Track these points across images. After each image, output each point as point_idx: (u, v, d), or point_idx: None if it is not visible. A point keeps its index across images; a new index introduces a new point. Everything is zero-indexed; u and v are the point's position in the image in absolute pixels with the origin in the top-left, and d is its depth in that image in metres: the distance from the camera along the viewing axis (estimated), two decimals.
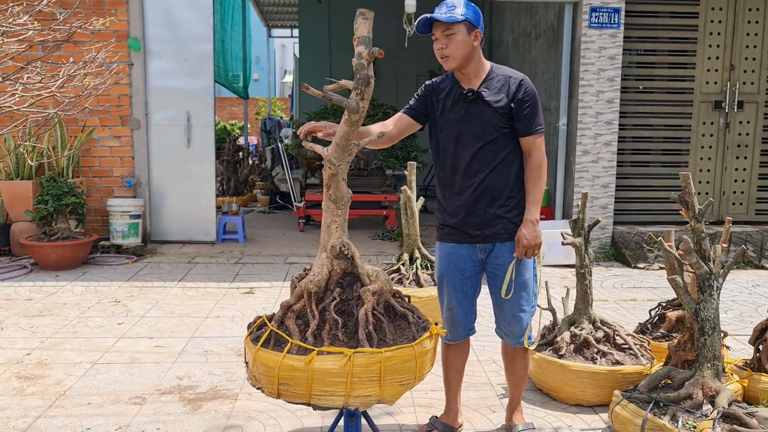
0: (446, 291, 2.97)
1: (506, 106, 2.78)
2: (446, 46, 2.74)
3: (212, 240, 7.44)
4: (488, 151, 2.81)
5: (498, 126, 2.80)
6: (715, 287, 2.96)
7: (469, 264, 2.92)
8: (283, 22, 16.80)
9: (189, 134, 7.28)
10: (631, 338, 3.55)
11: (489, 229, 2.85)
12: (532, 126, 2.81)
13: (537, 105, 2.82)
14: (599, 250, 7.07)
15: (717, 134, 7.37)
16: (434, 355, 2.52)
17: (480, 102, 2.80)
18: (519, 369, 3.06)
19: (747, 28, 7.21)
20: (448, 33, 2.72)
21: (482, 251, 2.90)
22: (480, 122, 2.80)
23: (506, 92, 2.79)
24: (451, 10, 2.72)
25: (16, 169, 6.65)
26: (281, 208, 10.45)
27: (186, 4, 7.12)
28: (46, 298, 5.25)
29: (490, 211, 2.84)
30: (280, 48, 25.12)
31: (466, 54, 2.76)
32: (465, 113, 2.82)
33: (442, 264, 2.97)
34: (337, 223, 2.49)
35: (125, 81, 7.00)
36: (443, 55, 2.76)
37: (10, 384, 3.60)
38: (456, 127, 2.84)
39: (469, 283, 2.94)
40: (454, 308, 2.96)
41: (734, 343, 4.28)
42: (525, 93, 2.79)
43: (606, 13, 6.85)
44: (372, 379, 2.26)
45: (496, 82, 2.81)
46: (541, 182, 2.84)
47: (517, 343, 2.99)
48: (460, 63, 2.77)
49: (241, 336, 4.44)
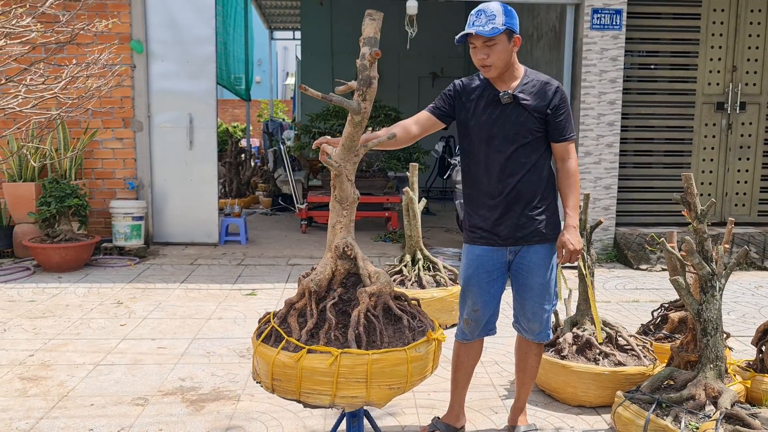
0: (473, 293, 2.95)
1: (542, 110, 2.79)
2: (488, 56, 2.72)
3: (214, 242, 7.45)
4: (521, 154, 2.81)
5: (532, 129, 2.80)
6: (717, 288, 2.96)
7: (497, 266, 2.92)
8: (285, 25, 16.83)
9: (191, 136, 7.29)
10: (634, 339, 3.55)
11: (521, 231, 2.86)
12: (566, 132, 2.83)
13: (570, 112, 2.86)
14: (602, 252, 7.07)
15: (719, 135, 7.36)
16: (435, 360, 2.50)
17: (515, 105, 2.80)
18: (530, 366, 3.06)
19: (749, 30, 7.21)
20: (490, 44, 2.70)
21: (511, 253, 2.91)
22: (515, 125, 2.80)
23: (542, 97, 2.79)
24: (491, 20, 2.67)
25: (19, 171, 6.66)
26: (283, 210, 10.46)
27: (188, 6, 7.14)
28: (48, 300, 5.26)
29: (522, 213, 2.84)
30: (282, 50, 25.15)
31: (507, 61, 2.76)
32: (499, 115, 2.81)
33: (470, 266, 2.95)
34: (342, 223, 2.50)
35: (128, 83, 7.02)
36: (485, 64, 2.75)
37: (12, 385, 3.61)
38: (489, 128, 2.83)
39: (496, 285, 2.95)
40: (479, 309, 2.96)
41: (737, 345, 4.27)
42: (561, 100, 2.81)
43: (608, 14, 6.86)
44: (359, 381, 2.26)
45: (531, 87, 2.81)
46: (578, 188, 2.87)
47: (534, 338, 3.00)
48: (500, 71, 2.77)
49: (244, 337, 4.45)
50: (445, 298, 4.62)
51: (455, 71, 13.50)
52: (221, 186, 10.70)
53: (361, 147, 2.45)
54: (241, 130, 18.56)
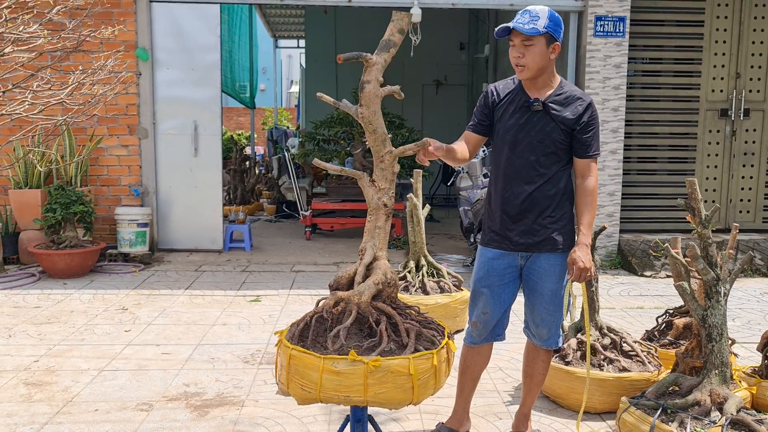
0: (483, 294, 2.96)
1: (570, 124, 2.79)
2: (523, 55, 2.74)
3: (219, 248, 7.47)
4: (542, 164, 2.82)
5: (557, 140, 2.80)
6: (722, 293, 2.96)
7: (509, 270, 2.93)
8: (290, 33, 16.91)
9: (196, 143, 7.32)
10: (638, 345, 3.54)
11: (532, 238, 2.86)
12: (591, 150, 2.82)
13: (598, 130, 2.85)
14: (606, 258, 7.06)
15: (723, 142, 7.36)
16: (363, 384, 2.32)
17: (544, 114, 2.80)
18: (538, 373, 3.05)
19: (752, 37, 7.22)
20: (528, 44, 2.72)
21: (523, 258, 2.91)
22: (541, 133, 2.80)
23: (572, 110, 2.79)
24: (534, 20, 2.70)
25: (25, 177, 6.70)
26: (288, 217, 10.48)
27: (194, 14, 7.18)
28: (53, 306, 5.28)
29: (536, 221, 2.85)
30: (287, 58, 25.26)
31: (542, 66, 2.77)
32: (526, 122, 2.82)
33: (482, 269, 2.97)
34: (367, 228, 2.56)
35: (133, 90, 7.06)
36: (519, 63, 2.76)
37: (17, 390, 3.62)
38: (514, 133, 2.83)
39: (507, 290, 2.95)
40: (488, 312, 2.96)
41: (742, 351, 4.26)
42: (591, 116, 2.80)
43: (611, 22, 6.87)
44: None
45: (563, 98, 2.81)
46: (594, 206, 2.85)
47: (542, 345, 3.00)
48: (534, 74, 2.78)
49: (248, 343, 4.45)
50: (449, 304, 4.62)
51: (459, 79, 13.54)
52: (225, 193, 10.73)
53: (386, 153, 2.47)
54: (245, 137, 18.63)
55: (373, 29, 11.73)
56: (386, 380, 2.26)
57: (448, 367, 2.49)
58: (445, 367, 2.46)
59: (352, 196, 8.50)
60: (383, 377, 2.26)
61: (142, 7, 7.01)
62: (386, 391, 2.28)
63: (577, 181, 2.88)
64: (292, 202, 10.26)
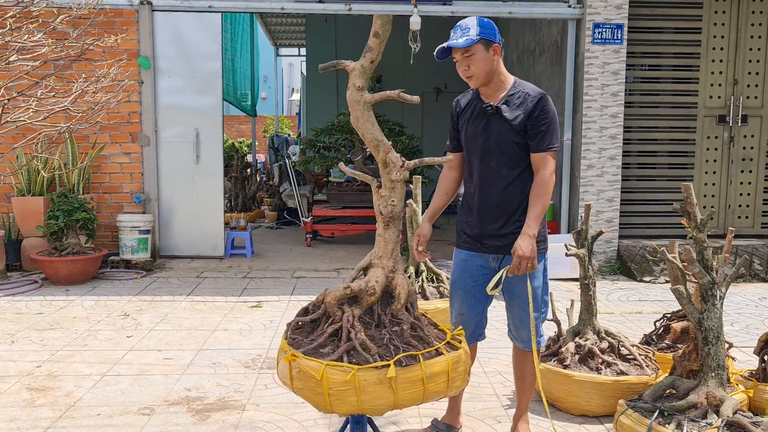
0: (459, 296, 3.04)
1: (522, 122, 2.83)
2: (468, 67, 2.82)
3: (220, 255, 7.51)
4: (505, 166, 2.88)
5: (514, 141, 2.85)
6: (718, 297, 2.98)
7: (482, 272, 2.99)
8: (291, 41, 17.00)
9: (198, 150, 7.37)
10: (636, 349, 3.56)
11: (501, 241, 2.92)
12: (544, 143, 2.84)
13: (552, 124, 2.85)
14: (605, 264, 7.08)
15: (721, 148, 7.40)
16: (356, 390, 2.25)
17: (498, 117, 2.87)
18: (528, 374, 3.10)
19: (750, 43, 7.27)
20: (468, 54, 2.80)
21: (495, 260, 2.97)
22: (497, 136, 2.87)
23: (524, 109, 2.84)
24: (465, 32, 2.79)
25: (27, 185, 6.75)
26: (289, 224, 10.52)
27: (195, 23, 7.25)
28: (56, 312, 5.31)
29: (505, 225, 2.91)
30: (288, 66, 25.37)
31: (489, 70, 2.84)
32: (484, 127, 2.90)
33: (456, 270, 3.05)
34: (377, 233, 2.56)
35: (135, 98, 7.12)
36: (468, 75, 2.85)
37: (20, 395, 3.65)
38: (475, 140, 2.92)
39: (481, 290, 2.99)
40: (465, 313, 3.03)
41: (740, 355, 4.28)
42: (541, 111, 2.83)
43: (609, 29, 6.93)
44: None
45: (516, 98, 2.87)
46: (544, 199, 2.83)
47: (524, 346, 3.06)
48: (484, 80, 2.85)
49: (249, 348, 4.48)
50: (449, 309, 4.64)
51: (458, 87, 13.57)
52: (227, 200, 10.78)
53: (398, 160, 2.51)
54: (246, 145, 18.69)
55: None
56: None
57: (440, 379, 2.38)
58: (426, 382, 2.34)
59: (353, 203, 8.54)
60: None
61: (144, 16, 7.08)
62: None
63: (534, 176, 2.90)
64: (293, 209, 10.30)
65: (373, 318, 2.42)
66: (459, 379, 2.41)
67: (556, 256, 6.37)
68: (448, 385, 2.34)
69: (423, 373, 2.26)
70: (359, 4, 7.13)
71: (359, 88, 2.40)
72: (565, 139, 7.28)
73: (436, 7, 7.08)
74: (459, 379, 2.41)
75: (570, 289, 6.23)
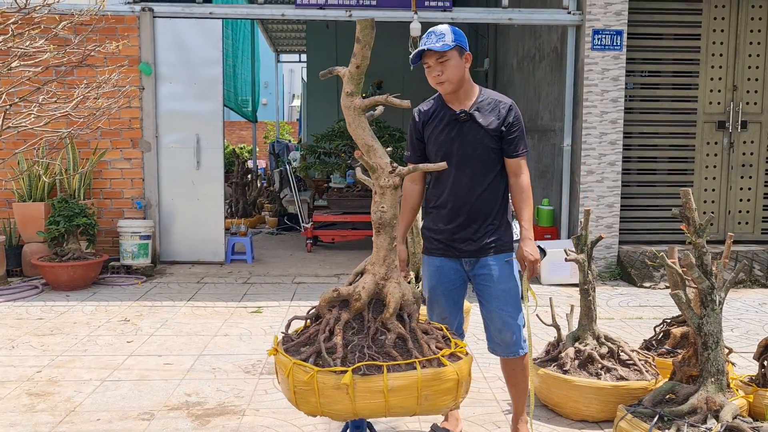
0: (439, 302, 3.08)
1: (497, 128, 2.92)
2: (442, 72, 2.88)
3: (221, 260, 7.51)
4: (479, 172, 2.94)
5: (489, 146, 2.93)
6: (717, 301, 2.99)
7: (457, 275, 3.06)
8: (292, 48, 17.06)
9: (198, 156, 7.39)
10: (636, 354, 3.57)
11: (473, 245, 2.98)
12: (519, 148, 2.96)
13: (523, 129, 2.98)
14: (605, 270, 7.08)
15: (721, 154, 7.41)
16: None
17: (472, 123, 2.93)
18: (520, 381, 3.11)
19: (749, 50, 7.29)
20: (442, 60, 2.86)
21: (468, 264, 3.04)
22: (473, 142, 2.93)
23: (497, 115, 2.93)
24: (441, 38, 2.85)
25: (29, 190, 6.76)
26: (289, 230, 10.52)
27: (197, 29, 7.28)
28: (56, 318, 5.32)
29: (479, 230, 2.97)
30: (289, 73, 25.44)
31: (461, 77, 2.90)
32: (457, 134, 2.94)
33: (432, 277, 3.09)
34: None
35: (136, 104, 7.14)
36: (440, 81, 2.90)
37: (20, 401, 3.65)
38: (448, 147, 2.95)
39: (458, 293, 3.09)
40: (447, 317, 3.08)
41: (740, 360, 4.28)
42: (515, 117, 2.95)
43: (608, 35, 6.95)
44: None
45: (486, 105, 2.95)
46: (530, 201, 2.98)
47: (511, 353, 3.05)
48: (455, 86, 2.91)
49: (249, 354, 4.48)
50: None
51: None
52: (227, 206, 10.79)
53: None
54: (247, 151, 18.72)
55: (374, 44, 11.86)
56: None
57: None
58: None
59: (353, 209, 8.55)
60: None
61: (145, 22, 7.11)
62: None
63: (510, 180, 3.00)
64: (294, 215, 10.32)
65: (362, 324, 2.40)
66: (436, 398, 2.24)
67: (556, 261, 6.43)
68: (418, 402, 2.21)
69: (384, 385, 2.18)
70: (360, 10, 7.16)
71: (348, 94, 2.41)
72: (565, 145, 7.30)
73: (436, 14, 7.11)
74: (436, 398, 2.24)
75: (570, 295, 6.23)
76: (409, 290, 2.48)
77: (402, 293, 2.44)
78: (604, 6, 6.95)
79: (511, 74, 10.21)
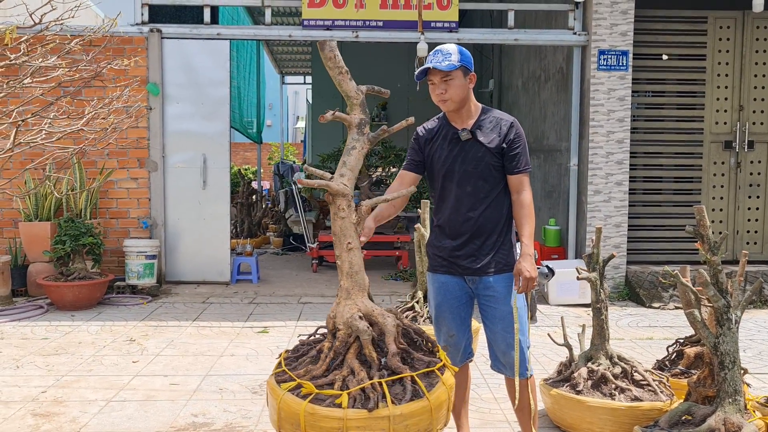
0: (446, 319, 3.06)
1: (498, 146, 2.93)
2: (445, 90, 2.91)
3: (226, 280, 7.48)
4: (482, 189, 2.94)
5: (491, 163, 2.93)
6: (733, 320, 2.95)
7: (463, 292, 3.04)
8: (296, 69, 17.18)
9: (205, 176, 7.39)
10: (650, 374, 3.51)
11: (477, 263, 2.96)
12: (521, 165, 2.96)
13: (525, 146, 2.99)
14: (614, 290, 7.03)
15: (728, 174, 7.39)
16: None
17: (474, 141, 2.94)
18: (525, 405, 3.06)
19: (754, 70, 7.30)
20: (447, 79, 2.89)
21: (471, 281, 3.02)
22: (474, 160, 2.94)
23: (498, 132, 2.94)
24: (447, 57, 2.88)
25: (35, 210, 6.76)
26: (295, 250, 10.50)
27: (204, 50, 7.33)
28: (61, 337, 5.28)
29: (481, 247, 2.95)
30: (293, 94, 25.59)
31: (464, 96, 2.93)
32: (459, 152, 2.96)
33: (438, 294, 3.07)
34: None
35: (144, 124, 7.16)
36: (443, 99, 2.93)
37: (25, 421, 3.60)
38: (450, 165, 2.97)
39: (465, 310, 3.07)
40: (455, 334, 3.06)
41: (754, 382, 4.22)
42: (516, 134, 2.96)
43: (614, 55, 6.98)
44: None
45: (488, 123, 2.97)
46: (532, 218, 2.96)
47: (516, 374, 2.99)
48: (458, 105, 2.94)
49: (256, 374, 4.43)
50: None
51: None
52: (233, 226, 10.78)
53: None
54: (252, 172, 18.76)
55: (380, 64, 11.92)
56: None
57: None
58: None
59: None
60: None
61: (153, 43, 7.16)
62: None
63: (513, 197, 2.99)
64: (299, 235, 10.29)
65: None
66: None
67: (565, 281, 6.39)
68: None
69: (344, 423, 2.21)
70: (366, 31, 7.21)
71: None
72: (572, 165, 7.29)
73: (442, 35, 7.15)
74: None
75: (579, 315, 6.17)
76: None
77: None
78: (610, 27, 6.99)
79: (516, 95, 10.24)
